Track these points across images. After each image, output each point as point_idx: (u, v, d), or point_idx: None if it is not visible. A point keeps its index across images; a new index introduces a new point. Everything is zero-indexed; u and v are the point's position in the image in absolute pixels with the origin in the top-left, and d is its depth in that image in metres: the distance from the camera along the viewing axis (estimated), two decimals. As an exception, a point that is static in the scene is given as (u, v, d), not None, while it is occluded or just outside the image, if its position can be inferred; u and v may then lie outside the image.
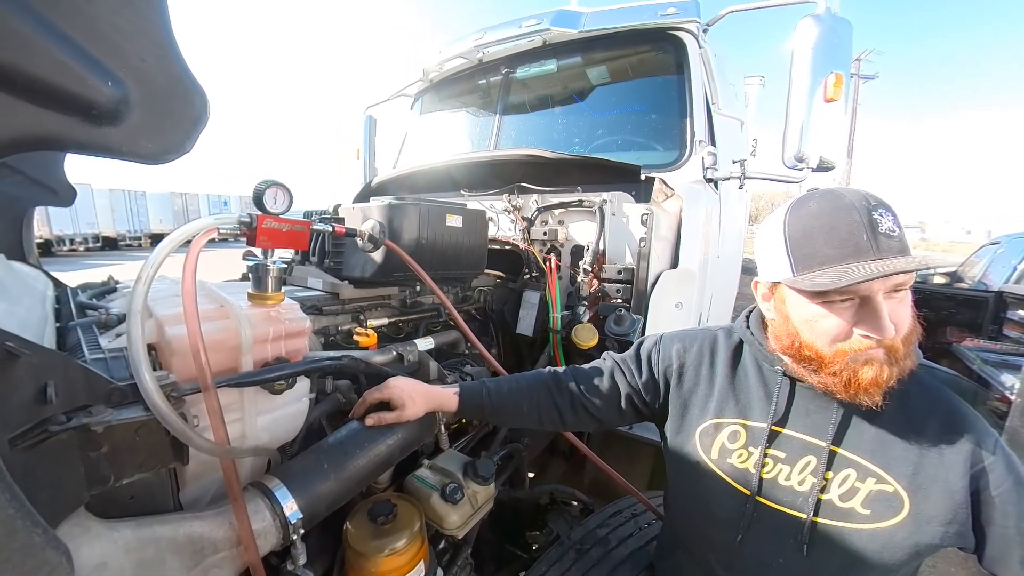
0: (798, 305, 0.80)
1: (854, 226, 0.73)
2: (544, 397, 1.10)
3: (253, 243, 0.85)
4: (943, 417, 0.79)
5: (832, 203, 0.76)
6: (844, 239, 0.74)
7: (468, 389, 1.11)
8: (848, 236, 0.73)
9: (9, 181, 1.30)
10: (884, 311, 0.73)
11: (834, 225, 0.75)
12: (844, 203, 0.75)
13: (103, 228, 20.06)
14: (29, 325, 0.84)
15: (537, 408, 1.10)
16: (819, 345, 0.78)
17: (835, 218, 0.75)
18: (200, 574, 0.74)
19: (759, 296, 0.93)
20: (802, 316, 0.80)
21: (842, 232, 0.74)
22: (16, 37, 0.39)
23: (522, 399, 1.10)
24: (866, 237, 0.72)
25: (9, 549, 0.45)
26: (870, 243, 0.72)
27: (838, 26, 1.58)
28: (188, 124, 0.49)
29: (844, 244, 0.74)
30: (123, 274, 1.37)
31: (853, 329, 0.75)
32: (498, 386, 1.12)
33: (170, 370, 0.75)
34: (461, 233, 1.60)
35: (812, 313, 0.78)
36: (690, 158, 1.99)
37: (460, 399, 1.09)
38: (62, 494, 0.64)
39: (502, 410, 1.10)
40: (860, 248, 0.72)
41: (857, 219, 0.73)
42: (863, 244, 0.72)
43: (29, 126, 0.42)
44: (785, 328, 0.84)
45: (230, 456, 0.77)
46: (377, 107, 3.48)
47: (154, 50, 0.48)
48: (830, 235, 0.75)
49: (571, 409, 1.09)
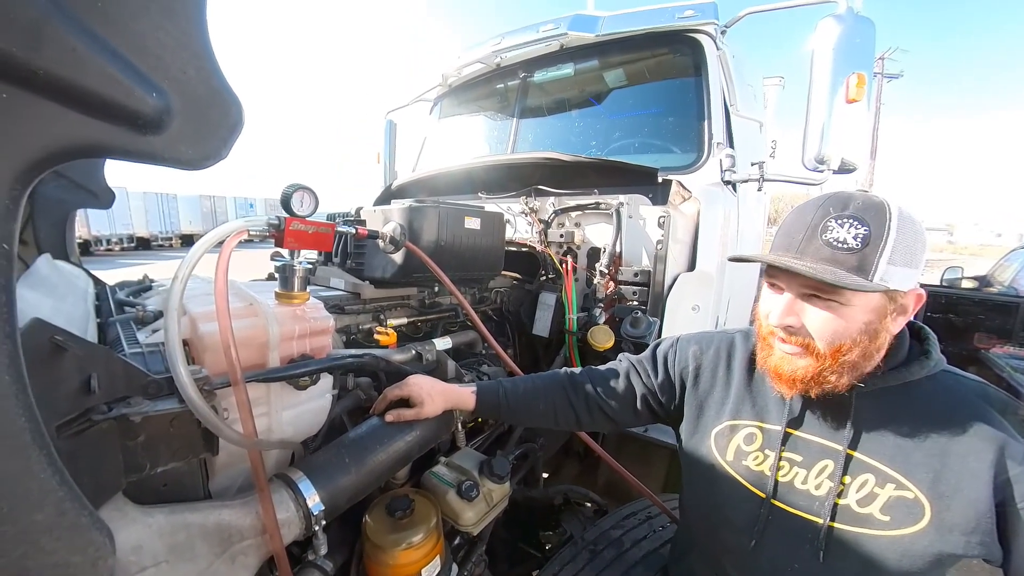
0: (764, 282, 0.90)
1: (800, 226, 0.79)
2: (560, 398, 1.11)
3: (281, 244, 0.89)
4: (967, 424, 0.77)
5: (810, 203, 0.82)
6: (787, 234, 0.81)
7: (485, 389, 1.13)
8: (792, 232, 0.80)
9: (55, 185, 1.38)
10: (785, 303, 0.80)
11: (793, 222, 0.82)
12: (811, 206, 0.80)
13: (137, 229, 20.97)
14: (74, 320, 0.89)
15: (553, 408, 1.11)
16: (760, 317, 0.89)
17: (796, 216, 0.82)
18: (227, 560, 0.78)
19: None
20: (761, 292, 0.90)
21: (792, 229, 0.81)
22: (72, 53, 0.42)
23: (538, 399, 1.12)
24: (801, 237, 0.78)
25: (60, 528, 0.48)
26: (800, 243, 0.78)
27: (860, 25, 1.55)
28: (225, 132, 0.52)
29: (784, 238, 0.81)
30: (156, 273, 1.43)
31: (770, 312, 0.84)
32: (514, 386, 1.14)
33: (202, 365, 0.79)
34: (479, 235, 1.63)
35: (763, 290, 0.89)
36: (708, 160, 1.98)
37: (477, 398, 1.12)
38: (103, 480, 0.68)
39: (518, 410, 1.12)
40: (791, 245, 0.79)
41: (808, 220, 0.78)
42: (794, 242, 0.79)
43: (81, 135, 0.45)
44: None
45: (257, 448, 0.80)
46: (397, 112, 3.55)
47: (194, 62, 0.51)
48: (786, 229, 0.82)
49: (587, 410, 1.10)
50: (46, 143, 0.43)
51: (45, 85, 0.41)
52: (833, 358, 0.77)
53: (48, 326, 0.60)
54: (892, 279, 0.73)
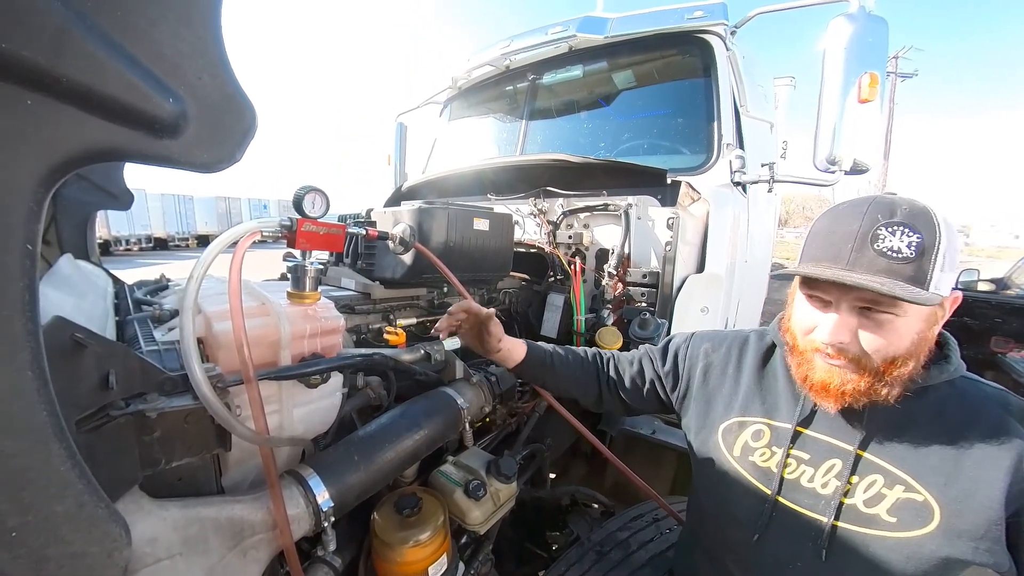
0: (796, 293, 0.86)
1: (847, 235, 0.75)
2: (591, 371, 1.19)
3: (293, 245, 0.91)
4: (984, 430, 0.76)
5: (850, 209, 0.78)
6: (831, 244, 0.77)
7: (535, 346, 1.20)
8: (837, 242, 0.76)
9: (76, 187, 1.42)
10: (837, 319, 0.75)
11: (833, 230, 0.78)
12: (855, 212, 0.76)
13: (155, 230, 21.52)
14: (93, 318, 0.92)
15: (585, 379, 1.18)
16: (796, 333, 0.85)
17: (838, 224, 0.78)
18: (239, 554, 0.79)
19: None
20: (795, 303, 0.87)
21: (835, 237, 0.76)
22: (93, 61, 0.44)
23: (577, 368, 1.19)
24: (850, 247, 0.74)
25: (78, 519, 0.50)
26: (850, 254, 0.73)
27: (873, 24, 1.54)
28: (239, 136, 0.53)
29: (828, 248, 0.77)
30: (173, 272, 1.47)
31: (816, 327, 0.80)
32: (557, 352, 1.20)
33: (216, 362, 0.81)
34: (488, 236, 1.64)
35: (799, 302, 0.85)
36: (717, 161, 1.97)
37: (528, 351, 1.17)
38: (120, 473, 0.70)
39: (559, 373, 1.19)
40: (838, 256, 0.75)
41: (855, 229, 0.74)
42: (843, 253, 0.74)
43: (101, 139, 0.47)
44: (788, 311, 0.91)
45: (269, 445, 0.81)
46: (408, 114, 3.58)
47: (210, 69, 0.52)
48: (826, 238, 0.78)
49: (608, 387, 1.17)
50: (68, 147, 0.44)
51: (68, 91, 0.42)
52: (887, 371, 0.75)
53: (69, 324, 0.62)
54: (943, 286, 0.72)
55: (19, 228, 0.43)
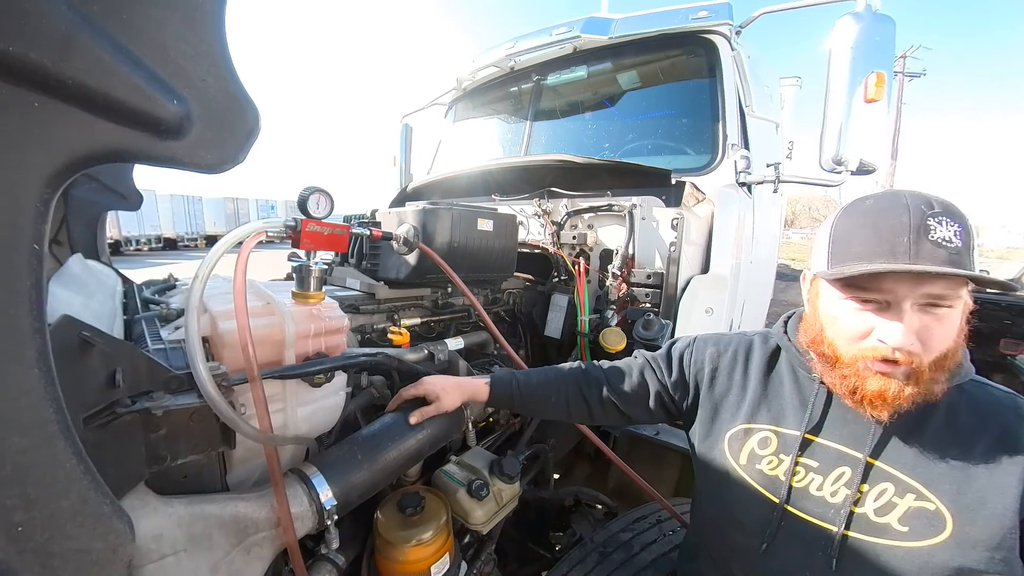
0: (829, 299, 0.80)
1: (899, 228, 0.71)
2: (573, 390, 1.12)
3: (297, 245, 0.92)
4: (996, 436, 0.74)
5: (886, 203, 0.74)
6: (883, 238, 0.72)
7: (498, 380, 1.14)
8: (889, 235, 0.71)
9: (86, 188, 1.44)
10: (906, 319, 0.70)
11: (878, 224, 0.73)
12: (898, 204, 0.72)
13: (164, 230, 21.88)
14: (102, 317, 0.93)
15: (566, 401, 1.11)
16: (839, 343, 0.78)
17: (882, 217, 0.73)
18: (243, 551, 0.80)
19: (804, 290, 0.93)
20: (829, 311, 0.80)
21: (884, 231, 0.72)
22: (99, 63, 0.44)
23: (550, 391, 1.12)
24: (907, 240, 0.69)
25: (82, 515, 0.51)
26: (910, 246, 0.69)
27: (879, 24, 1.53)
28: (242, 137, 0.54)
29: (881, 243, 0.72)
30: (181, 272, 1.48)
31: (873, 331, 0.74)
32: (527, 378, 1.15)
33: (221, 361, 0.82)
34: (492, 237, 1.64)
35: (840, 309, 0.78)
36: (722, 162, 1.97)
37: (491, 389, 1.13)
38: (126, 470, 0.71)
39: (531, 401, 1.13)
40: (896, 249, 0.70)
41: (905, 221, 0.70)
42: (901, 246, 0.70)
43: (107, 141, 0.48)
44: (812, 321, 0.85)
45: (273, 443, 0.82)
46: (413, 116, 3.60)
47: (213, 70, 0.53)
48: (871, 232, 0.73)
49: (599, 403, 1.10)
50: (74, 149, 0.45)
51: (74, 93, 0.43)
52: (940, 368, 0.72)
53: (76, 322, 0.63)
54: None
55: (26, 228, 0.43)
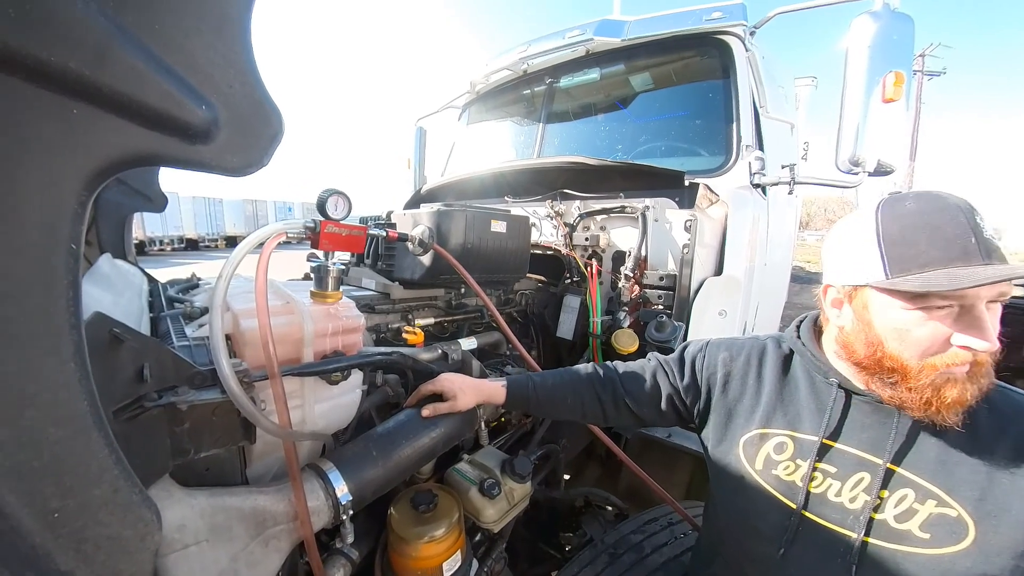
0: (888, 311, 0.74)
1: (961, 227, 0.69)
2: (588, 392, 1.12)
3: (316, 246, 0.94)
4: (1018, 441, 0.73)
5: (934, 203, 0.72)
6: (951, 240, 0.69)
7: (515, 382, 1.15)
8: (955, 237, 0.68)
9: (115, 191, 1.49)
10: (988, 319, 0.69)
11: (939, 225, 0.70)
12: (948, 204, 0.71)
13: (187, 231, 22.53)
14: (130, 315, 0.96)
15: (581, 402, 1.12)
16: (906, 356, 0.73)
17: (939, 218, 0.70)
18: (262, 543, 0.82)
19: (828, 302, 0.87)
20: (891, 323, 0.74)
21: (948, 233, 0.69)
22: (133, 71, 0.46)
23: (566, 393, 1.13)
24: (974, 240, 0.68)
25: (113, 504, 0.53)
26: (978, 246, 0.67)
27: (898, 22, 1.51)
28: (267, 141, 0.56)
29: (951, 246, 0.69)
30: (203, 271, 1.52)
31: (951, 339, 0.70)
32: (543, 380, 1.15)
33: (243, 358, 0.84)
34: (505, 238, 1.66)
35: (906, 320, 0.72)
36: (736, 163, 1.95)
37: (508, 391, 1.13)
38: (152, 462, 0.73)
39: (547, 403, 1.14)
40: (968, 251, 0.67)
41: (964, 221, 0.69)
42: (971, 247, 0.67)
43: (140, 145, 0.50)
44: (863, 336, 0.78)
45: (291, 439, 0.84)
46: (427, 119, 3.64)
47: (239, 77, 0.55)
48: (935, 235, 0.70)
49: (613, 405, 1.10)
50: (109, 153, 0.47)
51: (110, 101, 0.45)
52: (993, 362, 0.72)
53: (108, 319, 0.65)
54: None
55: (64, 229, 0.46)
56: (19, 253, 0.42)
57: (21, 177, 0.42)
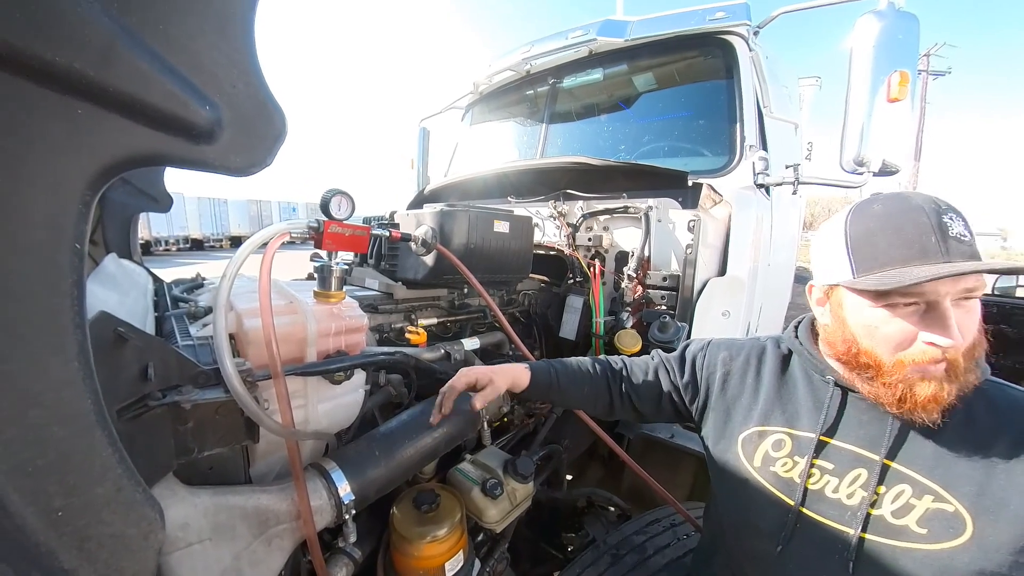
0: (857, 309, 0.78)
1: (922, 227, 0.71)
2: (601, 383, 1.12)
3: (320, 246, 0.94)
4: (1015, 437, 0.73)
5: (898, 204, 0.74)
6: (910, 240, 0.71)
7: (538, 368, 1.12)
8: (915, 237, 0.71)
9: (120, 191, 1.50)
10: (952, 316, 0.70)
11: (900, 226, 0.72)
12: (911, 205, 0.73)
13: (192, 231, 22.64)
14: (135, 314, 0.97)
15: (595, 392, 1.12)
16: (879, 352, 0.76)
17: (901, 219, 0.73)
18: (264, 542, 0.83)
19: (813, 301, 0.91)
20: (861, 320, 0.77)
21: (908, 233, 0.71)
22: (138, 72, 0.47)
23: (584, 382, 1.12)
24: (935, 239, 0.70)
25: (117, 502, 0.53)
26: (938, 245, 0.69)
27: (902, 21, 1.50)
28: (270, 141, 0.56)
29: (910, 245, 0.71)
30: (208, 271, 1.53)
31: (918, 335, 0.72)
32: (564, 367, 1.14)
33: (246, 358, 0.84)
34: (508, 238, 1.66)
35: (873, 318, 0.75)
36: (740, 163, 1.94)
37: (532, 376, 1.10)
38: (155, 461, 0.74)
39: (567, 391, 1.12)
40: (927, 250, 0.70)
41: (925, 221, 0.71)
42: (931, 246, 0.70)
43: (144, 145, 0.50)
44: (840, 333, 0.82)
45: (294, 438, 0.85)
46: (430, 120, 3.64)
47: (243, 77, 0.55)
48: (895, 236, 0.73)
49: (620, 396, 1.11)
50: (114, 153, 0.47)
51: (115, 101, 0.45)
52: (970, 359, 0.73)
53: (113, 319, 0.66)
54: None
55: (69, 228, 0.46)
56: (25, 252, 0.43)
57: (27, 176, 0.42)
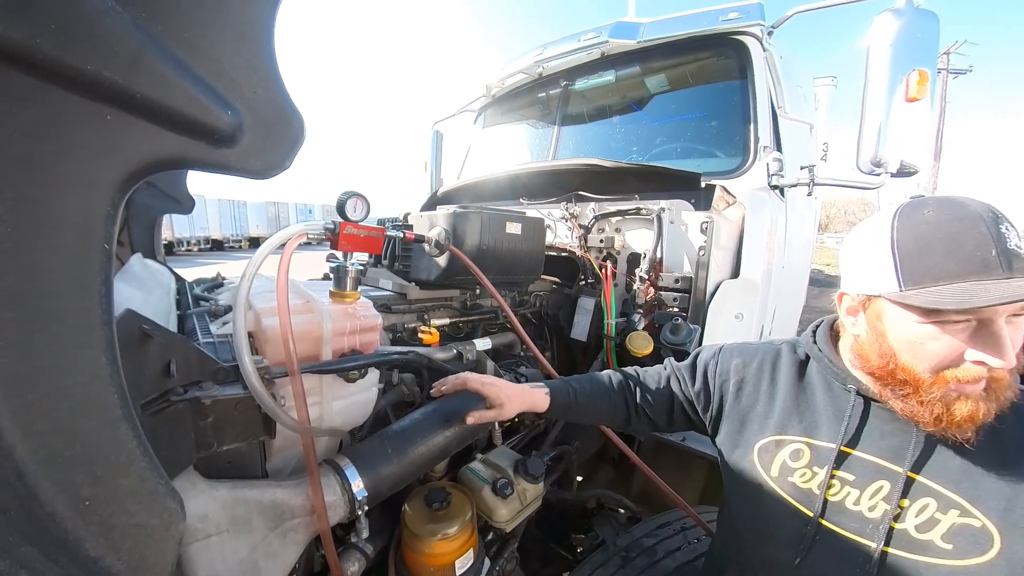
0: (902, 323, 0.73)
1: (981, 239, 0.65)
2: (618, 398, 1.11)
3: (336, 247, 0.96)
4: None
5: (954, 212, 0.69)
6: (970, 253, 0.66)
7: (557, 390, 1.11)
8: (975, 250, 0.65)
9: (145, 193, 1.55)
10: (1007, 336, 0.65)
11: (957, 236, 0.67)
12: (969, 212, 0.67)
13: (212, 232, 23.27)
14: (159, 312, 1.00)
15: (612, 407, 1.11)
16: (919, 369, 0.71)
17: (959, 228, 0.67)
18: (280, 535, 0.85)
19: (843, 309, 0.86)
20: (904, 336, 0.72)
21: (968, 245, 0.66)
22: (163, 79, 0.48)
23: (602, 399, 1.11)
24: (995, 252, 0.64)
25: (141, 493, 0.55)
26: (999, 259, 0.64)
27: (921, 20, 1.47)
28: (288, 145, 0.58)
29: (970, 258, 0.65)
30: (228, 271, 1.57)
31: (965, 353, 0.68)
32: (581, 386, 1.13)
33: (264, 355, 0.87)
34: (520, 240, 1.67)
35: (919, 333, 0.70)
36: (754, 164, 1.92)
37: (552, 399, 1.09)
38: (177, 454, 0.76)
39: (585, 409, 1.11)
40: (988, 264, 0.64)
41: (985, 232, 0.65)
42: (991, 260, 0.64)
43: (168, 149, 0.52)
44: (877, 347, 0.77)
45: (310, 434, 0.87)
46: (443, 122, 3.68)
47: (263, 82, 0.57)
48: (952, 247, 0.67)
49: (635, 409, 1.10)
50: (141, 157, 0.49)
51: (141, 107, 0.47)
52: (1013, 376, 0.69)
53: (138, 316, 0.68)
54: None
55: (98, 229, 0.48)
56: (56, 252, 0.45)
57: (59, 180, 0.44)
